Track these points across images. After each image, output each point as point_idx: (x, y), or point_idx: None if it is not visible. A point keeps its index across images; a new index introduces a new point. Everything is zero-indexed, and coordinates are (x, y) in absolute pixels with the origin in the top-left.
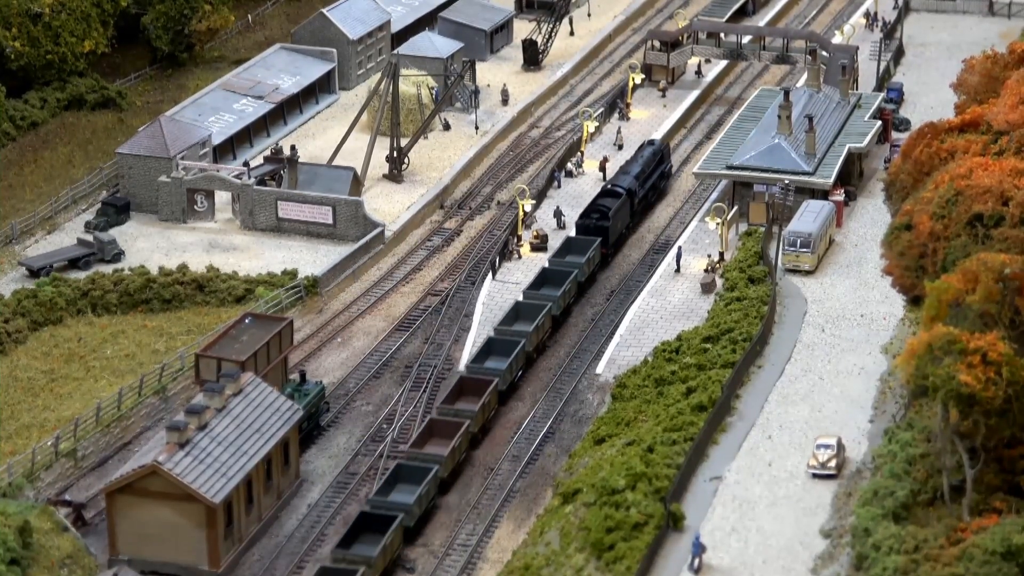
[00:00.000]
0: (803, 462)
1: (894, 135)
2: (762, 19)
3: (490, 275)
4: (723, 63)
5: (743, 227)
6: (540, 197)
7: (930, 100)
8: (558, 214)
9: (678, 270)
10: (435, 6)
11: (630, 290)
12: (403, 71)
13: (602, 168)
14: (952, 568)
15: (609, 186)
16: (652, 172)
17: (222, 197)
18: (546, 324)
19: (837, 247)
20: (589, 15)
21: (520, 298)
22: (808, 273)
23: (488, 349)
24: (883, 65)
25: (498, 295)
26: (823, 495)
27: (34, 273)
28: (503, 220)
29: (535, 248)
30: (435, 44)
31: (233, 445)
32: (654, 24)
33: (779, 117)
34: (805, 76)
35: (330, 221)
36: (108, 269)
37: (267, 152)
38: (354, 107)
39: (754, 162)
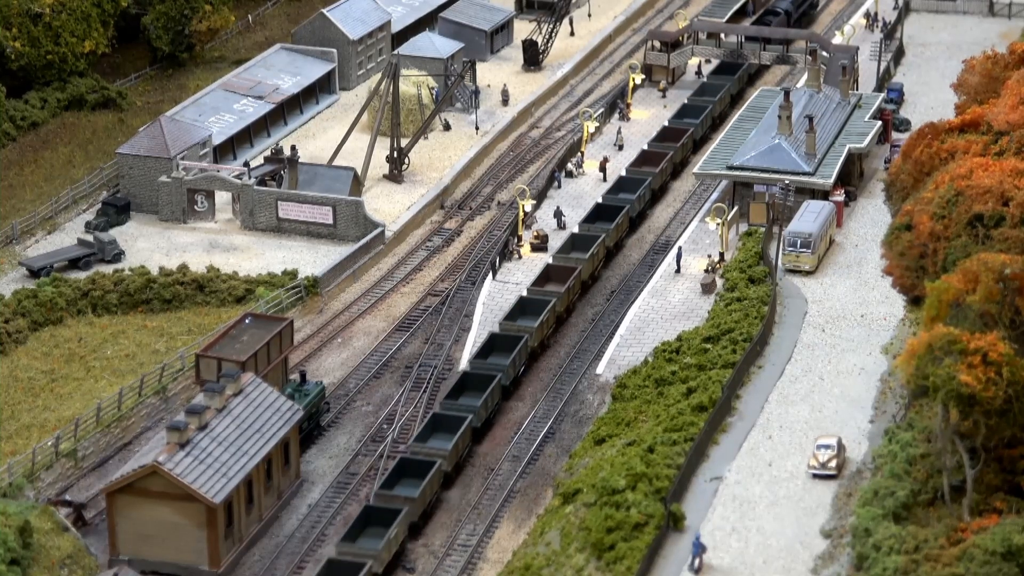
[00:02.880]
0: (803, 462)
1: (894, 135)
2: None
3: (490, 275)
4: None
5: (743, 227)
6: (540, 197)
7: (930, 100)
8: (558, 214)
9: (678, 270)
10: (435, 6)
11: (630, 290)
12: (403, 71)
13: (602, 168)
14: (952, 568)
15: (771, 6)
16: (804, 1)
17: (222, 197)
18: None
19: (837, 247)
20: (589, 15)
21: (705, 80)
22: (808, 273)
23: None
24: (883, 65)
25: (498, 295)
26: (823, 495)
27: (34, 273)
28: (503, 220)
29: (535, 248)
30: (435, 44)
31: (233, 445)
32: (654, 24)
33: (779, 117)
34: (805, 76)
35: (330, 221)
36: (108, 269)
37: (267, 152)
38: (354, 107)
39: (754, 162)
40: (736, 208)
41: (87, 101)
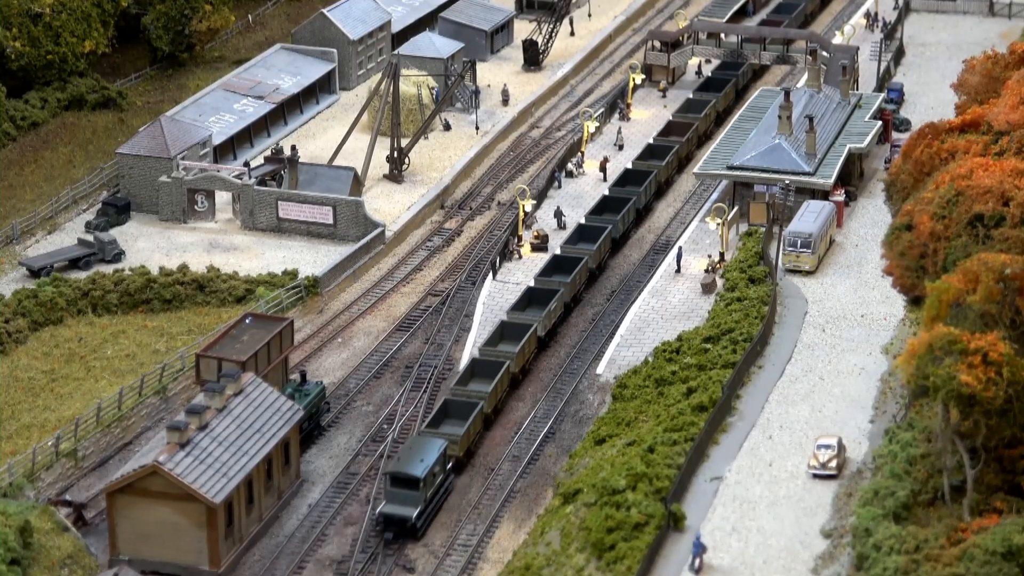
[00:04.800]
0: (804, 462)
1: (894, 135)
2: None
3: (490, 275)
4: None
5: (743, 227)
6: (540, 197)
7: (930, 100)
8: (558, 214)
9: (678, 270)
10: (435, 6)
11: (630, 290)
12: (403, 71)
13: (602, 168)
14: (953, 568)
15: None
16: None
17: (222, 197)
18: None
19: (837, 247)
20: (589, 15)
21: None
22: (808, 273)
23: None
24: (883, 65)
25: (498, 295)
26: (823, 495)
27: (34, 273)
28: (503, 220)
29: (535, 248)
30: (435, 44)
31: (234, 445)
32: (654, 24)
33: (779, 117)
34: (805, 76)
35: (330, 221)
36: (108, 269)
37: (267, 152)
38: (354, 107)
39: (754, 162)
40: (736, 208)
41: (87, 101)
